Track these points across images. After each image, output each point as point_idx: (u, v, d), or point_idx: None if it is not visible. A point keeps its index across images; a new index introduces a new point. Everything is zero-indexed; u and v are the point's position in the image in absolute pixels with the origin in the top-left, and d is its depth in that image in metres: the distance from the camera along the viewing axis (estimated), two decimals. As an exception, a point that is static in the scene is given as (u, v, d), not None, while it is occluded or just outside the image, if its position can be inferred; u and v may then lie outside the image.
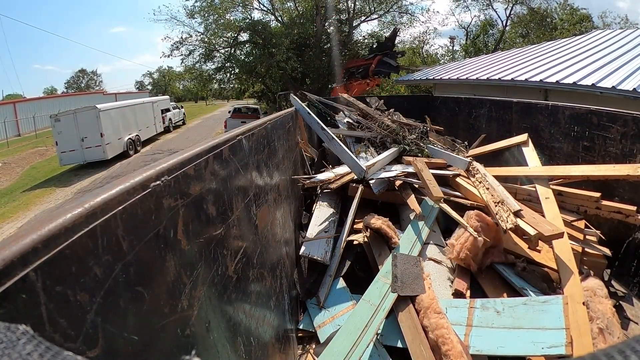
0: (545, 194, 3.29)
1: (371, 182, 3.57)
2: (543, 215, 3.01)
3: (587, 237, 2.99)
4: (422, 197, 3.53)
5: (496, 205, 2.93)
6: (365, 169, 3.50)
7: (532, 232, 2.61)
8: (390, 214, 3.38)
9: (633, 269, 2.87)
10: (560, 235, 2.63)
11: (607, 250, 2.88)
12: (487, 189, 3.19)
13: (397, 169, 3.99)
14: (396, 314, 2.40)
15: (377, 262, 2.91)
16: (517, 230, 2.75)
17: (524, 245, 2.94)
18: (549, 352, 1.97)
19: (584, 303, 2.22)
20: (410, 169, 3.86)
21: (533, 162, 3.90)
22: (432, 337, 2.16)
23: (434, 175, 3.60)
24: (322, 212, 3.58)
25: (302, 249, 3.10)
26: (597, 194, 3.14)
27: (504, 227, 2.68)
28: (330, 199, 3.82)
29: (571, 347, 1.96)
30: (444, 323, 2.19)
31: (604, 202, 3.09)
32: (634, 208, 2.90)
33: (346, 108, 6.93)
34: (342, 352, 2.10)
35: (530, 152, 4.06)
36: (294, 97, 4.55)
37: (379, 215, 3.16)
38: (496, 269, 2.80)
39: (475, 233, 2.73)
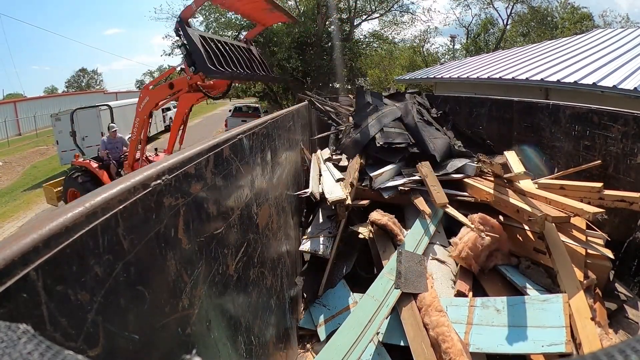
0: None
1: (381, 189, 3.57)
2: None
3: (591, 238, 2.95)
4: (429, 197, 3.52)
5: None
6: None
7: (538, 213, 2.59)
8: (395, 212, 3.37)
9: (634, 269, 2.87)
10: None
11: (609, 252, 2.86)
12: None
13: (404, 174, 3.96)
14: (399, 311, 2.40)
15: (382, 258, 2.91)
16: (523, 214, 2.74)
17: (529, 247, 2.93)
18: (549, 350, 1.97)
19: (591, 318, 2.19)
20: (418, 176, 3.82)
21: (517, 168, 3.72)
22: (432, 335, 2.16)
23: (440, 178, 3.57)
24: (324, 212, 3.59)
25: (303, 245, 3.12)
26: (600, 184, 3.11)
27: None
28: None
29: (571, 345, 1.96)
30: (444, 321, 2.19)
31: (607, 192, 3.04)
32: (637, 195, 2.85)
33: (346, 108, 6.91)
34: (344, 348, 2.10)
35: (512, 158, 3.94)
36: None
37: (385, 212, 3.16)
38: (498, 270, 2.79)
39: (483, 234, 2.73)
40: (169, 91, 5.21)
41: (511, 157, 3.92)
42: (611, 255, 2.80)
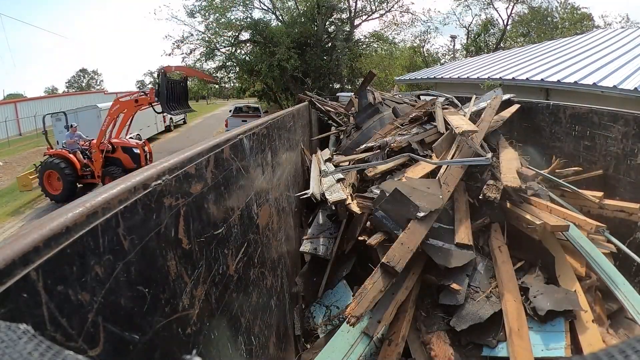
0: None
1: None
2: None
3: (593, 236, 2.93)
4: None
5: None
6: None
7: (537, 222, 2.59)
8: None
9: (634, 269, 2.86)
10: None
11: (611, 246, 2.84)
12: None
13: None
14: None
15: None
16: (522, 219, 2.72)
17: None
18: (548, 353, 1.97)
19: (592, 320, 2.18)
20: None
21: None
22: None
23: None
24: (324, 213, 3.58)
25: (303, 245, 3.12)
26: (600, 193, 3.12)
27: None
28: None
29: (570, 349, 1.95)
30: (444, 322, 2.19)
31: (607, 201, 3.06)
32: (637, 205, 2.87)
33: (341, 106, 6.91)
34: (344, 348, 2.09)
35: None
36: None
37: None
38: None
39: None
40: (133, 104, 10.04)
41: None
42: (613, 248, 2.80)
